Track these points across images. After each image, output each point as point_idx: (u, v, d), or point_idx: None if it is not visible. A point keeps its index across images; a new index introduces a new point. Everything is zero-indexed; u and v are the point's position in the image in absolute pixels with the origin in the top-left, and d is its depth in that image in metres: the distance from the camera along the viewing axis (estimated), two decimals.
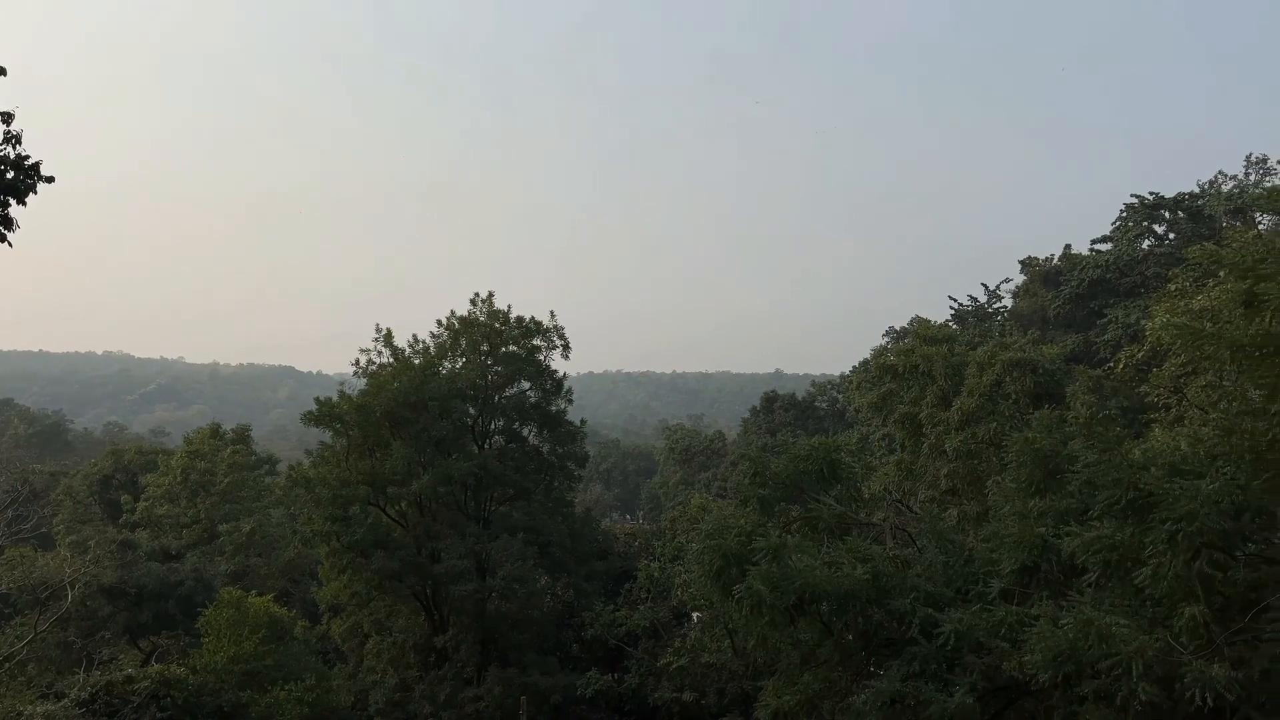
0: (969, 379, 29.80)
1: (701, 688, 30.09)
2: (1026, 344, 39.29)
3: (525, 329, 39.79)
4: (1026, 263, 65.13)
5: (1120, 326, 51.33)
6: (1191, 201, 56.69)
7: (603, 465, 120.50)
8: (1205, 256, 13.35)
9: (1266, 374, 11.29)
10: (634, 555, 43.46)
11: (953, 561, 13.33)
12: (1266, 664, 9.46)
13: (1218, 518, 9.68)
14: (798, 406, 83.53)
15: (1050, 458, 13.04)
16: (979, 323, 65.87)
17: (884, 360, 37.04)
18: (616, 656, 36.25)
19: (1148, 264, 53.96)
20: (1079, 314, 57.15)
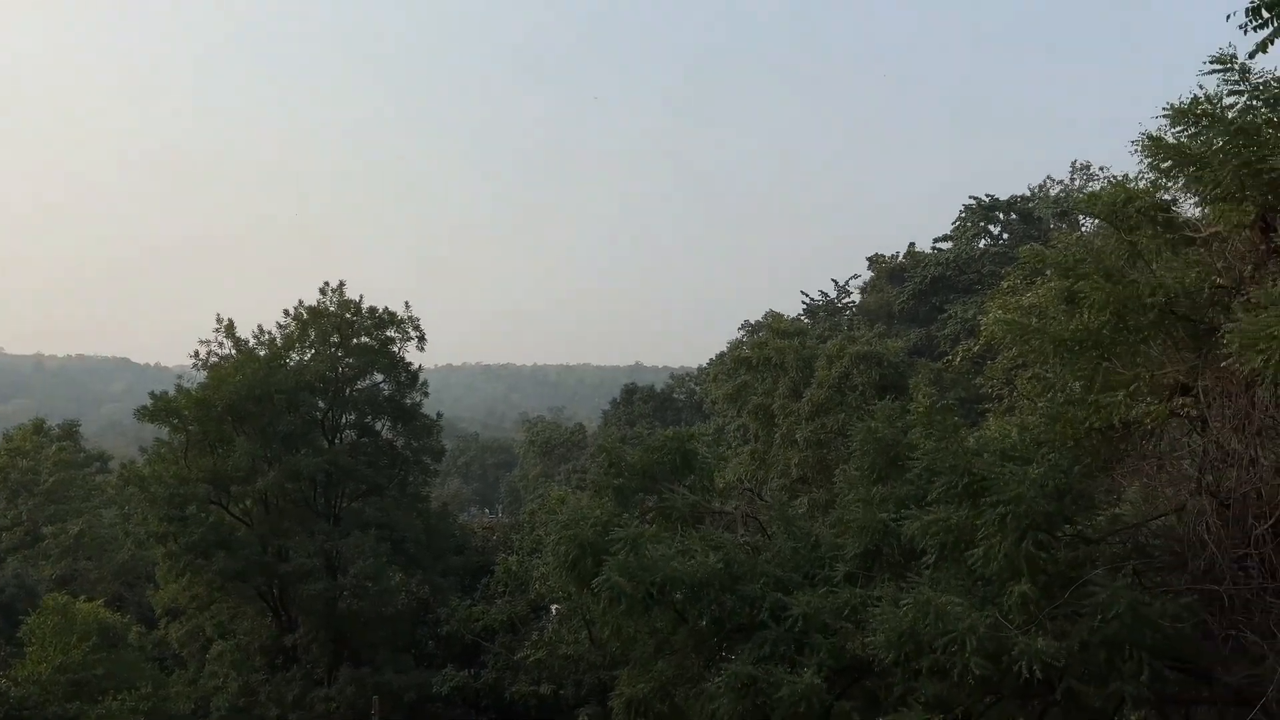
0: (819, 371, 30.85)
1: (559, 680, 30.10)
2: (873, 338, 40.98)
3: (378, 320, 38.80)
4: (874, 260, 67.77)
5: (959, 321, 54.12)
6: (1023, 204, 60.30)
7: (461, 459, 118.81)
8: (1032, 257, 14.18)
9: (1085, 366, 12.08)
10: (492, 550, 43.07)
11: (801, 547, 13.73)
12: (1085, 636, 10.10)
13: (1042, 501, 10.28)
14: (657, 398, 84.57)
15: (892, 446, 13.57)
16: (829, 317, 68.24)
17: (739, 353, 37.96)
18: (473, 652, 35.85)
19: (984, 262, 57.06)
20: (922, 309, 59.94)
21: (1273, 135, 10.41)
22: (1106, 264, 11.97)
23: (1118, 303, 11.51)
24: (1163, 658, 10.15)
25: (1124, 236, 12.24)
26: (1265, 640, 9.95)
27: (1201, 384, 11.23)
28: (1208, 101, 10.67)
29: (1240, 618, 10.39)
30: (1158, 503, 12.70)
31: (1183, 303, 11.32)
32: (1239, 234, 11.04)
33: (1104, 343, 12.03)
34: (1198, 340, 11.40)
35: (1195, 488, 11.54)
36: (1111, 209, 12.44)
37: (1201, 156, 10.77)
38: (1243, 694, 10.32)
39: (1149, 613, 9.80)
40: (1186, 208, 12.23)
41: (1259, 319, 9.31)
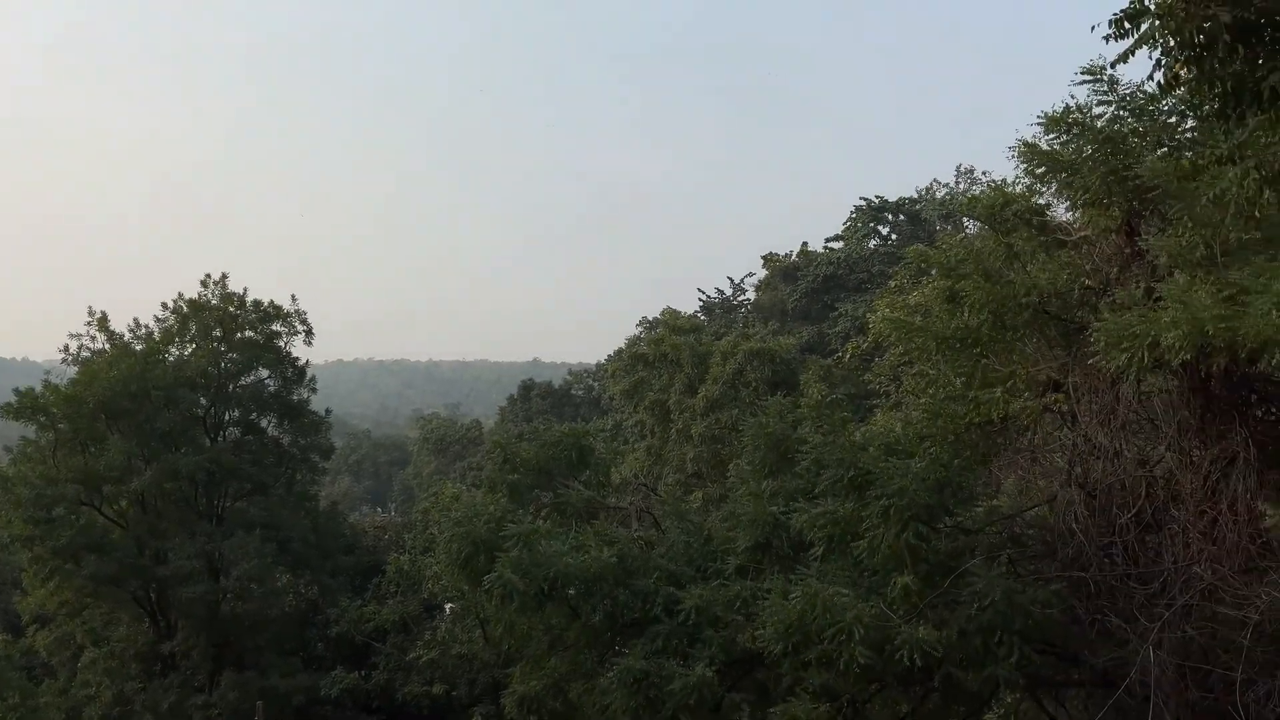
0: (714, 367, 31.19)
1: (452, 680, 29.71)
2: (767, 335, 41.68)
3: (264, 313, 37.47)
4: (768, 258, 68.88)
5: (849, 319, 55.47)
6: (910, 206, 62.20)
7: (352, 457, 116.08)
8: (918, 257, 14.63)
9: (965, 363, 12.52)
10: (384, 549, 42.18)
11: (693, 541, 13.85)
12: (963, 623, 10.46)
13: (924, 493, 10.60)
14: (554, 394, 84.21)
15: (782, 441, 13.80)
16: (725, 314, 69.12)
17: (636, 349, 38.10)
18: (364, 653, 35.07)
19: (873, 262, 58.65)
20: (814, 307, 61.24)
21: (1137, 144, 10.96)
22: (986, 265, 12.42)
23: (996, 302, 11.95)
24: (1034, 642, 10.59)
25: (1002, 239, 12.72)
26: (1128, 624, 10.48)
27: (1071, 380, 11.75)
28: (1078, 111, 11.17)
29: (1105, 603, 10.93)
30: (1031, 494, 13.26)
31: (1055, 303, 11.83)
32: (1106, 238, 11.59)
33: (983, 340, 12.49)
34: (1068, 339, 11.93)
35: (1065, 479, 12.08)
36: (990, 212, 12.91)
37: (1072, 163, 11.27)
38: (1108, 675, 10.86)
39: (1022, 600, 10.21)
40: (1059, 212, 12.78)
41: (1123, 319, 9.80)
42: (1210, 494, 10.44)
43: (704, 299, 72.21)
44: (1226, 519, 10.21)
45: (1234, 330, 8.76)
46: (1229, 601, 9.97)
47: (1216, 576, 9.99)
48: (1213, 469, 10.57)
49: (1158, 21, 4.30)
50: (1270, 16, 4.33)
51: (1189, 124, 9.92)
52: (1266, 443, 10.39)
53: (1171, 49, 4.34)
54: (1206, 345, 9.12)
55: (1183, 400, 10.86)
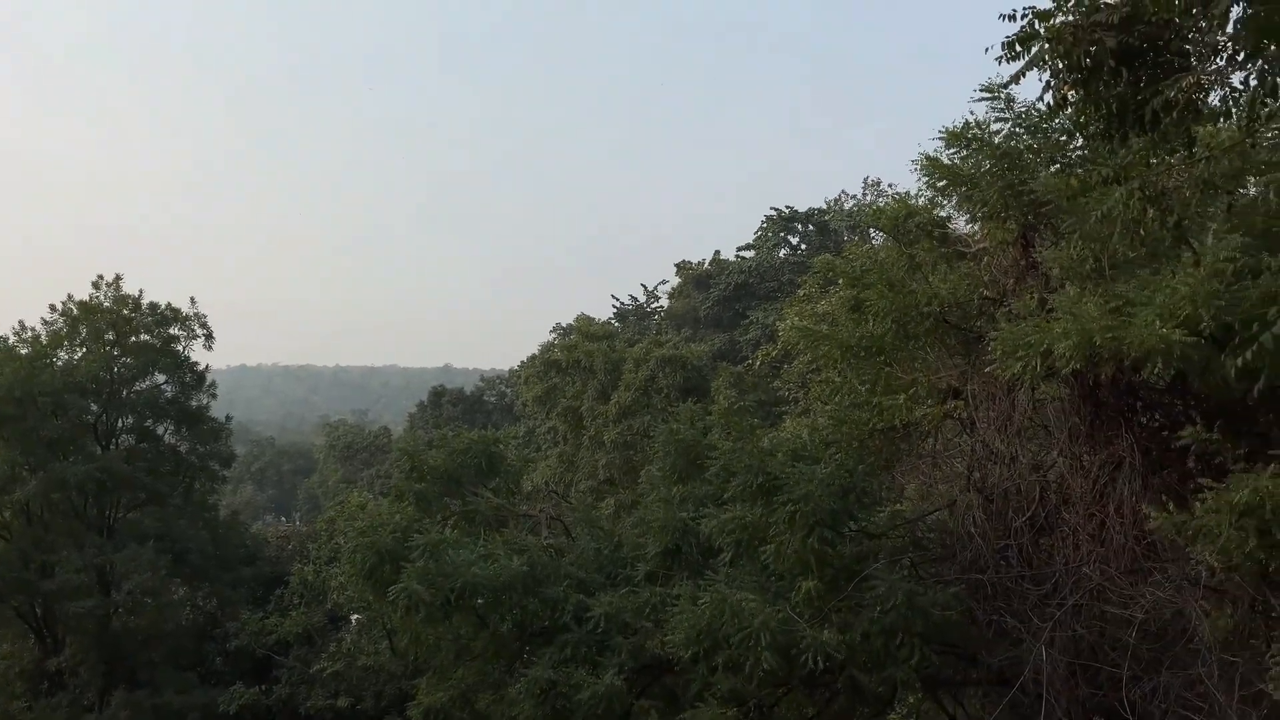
0: (626, 374, 31.26)
1: (358, 692, 29.07)
2: (679, 342, 41.96)
3: (160, 316, 36.11)
4: (681, 266, 69.38)
5: (760, 327, 56.24)
6: (819, 216, 63.42)
7: (255, 465, 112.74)
8: (824, 267, 14.91)
9: (869, 371, 12.81)
10: (287, 559, 41.06)
11: (604, 548, 13.84)
12: (866, 626, 10.67)
13: (829, 499, 10.79)
14: (466, 401, 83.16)
15: (692, 447, 13.89)
16: (639, 321, 69.35)
17: (549, 356, 37.93)
18: (265, 667, 34.05)
19: (784, 271, 59.58)
20: (726, 315, 61.91)
21: (1033, 160, 11.39)
22: (889, 275, 12.73)
23: (899, 311, 12.26)
24: (934, 643, 10.86)
25: (905, 249, 13.07)
26: (1022, 623, 10.83)
27: (970, 388, 12.12)
28: (977, 127, 11.55)
29: (1001, 603, 11.28)
30: (933, 498, 13.62)
31: (955, 312, 12.19)
32: (1004, 250, 11.99)
33: (887, 349, 12.79)
34: (967, 347, 12.31)
35: (965, 484, 12.44)
36: (894, 223, 13.26)
37: (972, 177, 11.64)
38: (1004, 674, 11.21)
39: (922, 602, 10.46)
40: (960, 224, 13.20)
41: (1018, 329, 10.15)
42: (1099, 497, 10.88)
43: (618, 305, 72.34)
44: (1114, 521, 10.64)
45: (1120, 340, 9.15)
46: (1115, 601, 10.39)
47: (1104, 577, 10.40)
48: (1101, 473, 11.01)
49: (1047, 45, 4.49)
50: (1152, 42, 4.54)
51: (1079, 142, 10.33)
52: (1150, 448, 10.85)
53: (1060, 71, 4.53)
54: (1095, 354, 9.50)
55: (1074, 407, 11.29)
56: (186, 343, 36.74)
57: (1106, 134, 4.56)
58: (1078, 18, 4.40)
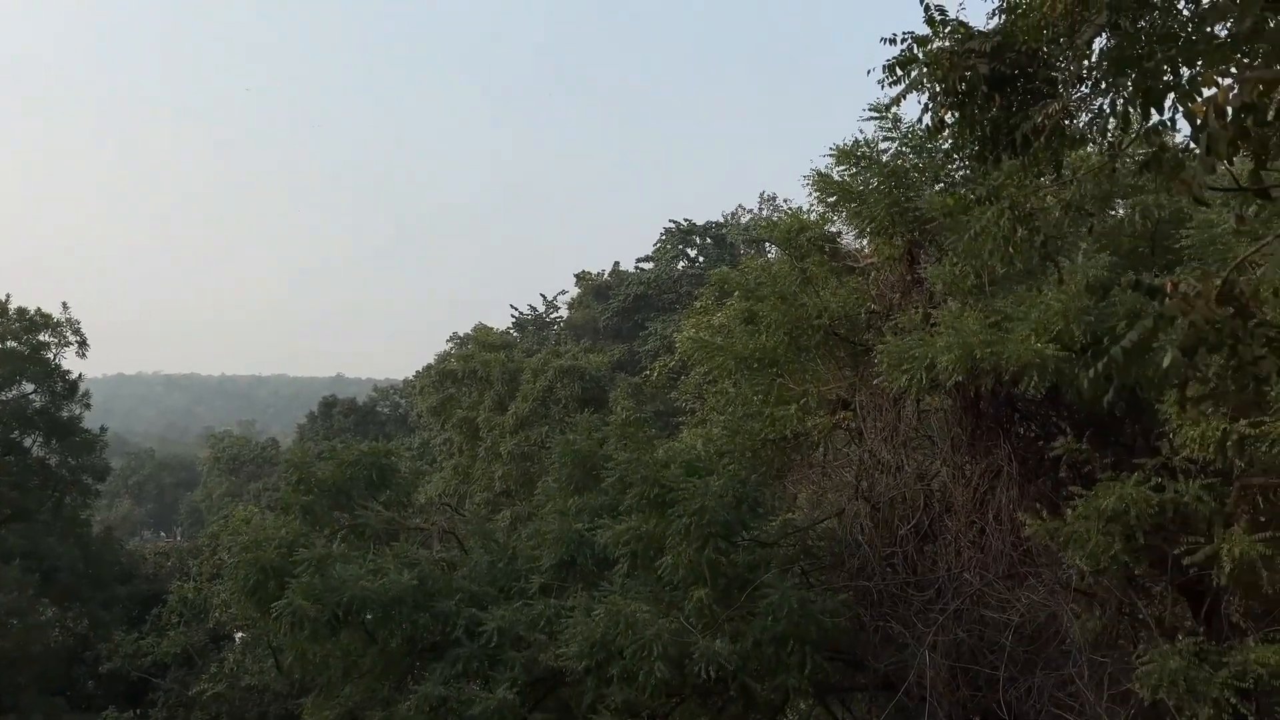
0: (524, 385, 31.04)
1: (241, 714, 27.99)
2: (578, 352, 41.87)
3: (29, 322, 34.23)
4: (580, 276, 69.36)
5: (658, 338, 56.60)
6: (717, 229, 64.31)
7: (133, 478, 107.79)
8: (719, 279, 15.11)
9: (762, 382, 13.02)
10: (166, 576, 39.35)
11: (497, 561, 13.68)
12: (758, 635, 10.81)
13: (722, 509, 10.91)
14: (358, 411, 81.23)
15: (589, 458, 13.87)
16: (538, 331, 68.96)
17: (445, 365, 37.36)
18: (140, 690, 32.51)
19: (682, 283, 60.15)
20: (625, 326, 62.13)
21: (918, 179, 11.78)
22: (782, 288, 12.99)
23: (790, 324, 12.52)
24: (823, 650, 11.08)
25: (797, 263, 13.34)
26: (907, 629, 11.14)
27: (859, 399, 12.44)
28: (866, 145, 11.89)
29: (887, 609, 11.59)
30: (823, 507, 13.91)
31: (844, 325, 12.51)
32: (891, 265, 12.36)
33: (779, 360, 13.03)
34: (856, 360, 12.64)
35: (853, 493, 12.75)
36: (787, 237, 13.53)
37: (861, 194, 11.98)
38: (889, 678, 11.50)
39: (812, 610, 10.65)
40: (849, 239, 13.55)
41: (903, 342, 10.47)
42: (979, 505, 11.28)
43: (516, 315, 71.79)
44: (993, 528, 11.05)
45: (998, 354, 9.53)
46: (994, 605, 10.79)
47: (983, 582, 10.79)
48: (981, 482, 11.43)
49: (925, 69, 4.66)
50: (1023, 69, 4.75)
51: (961, 163, 10.73)
52: (1027, 457, 11.33)
53: (937, 95, 4.71)
54: (975, 368, 9.88)
55: (956, 418, 11.70)
56: (58, 350, 34.92)
57: (981, 156, 4.76)
58: (953, 44, 4.59)
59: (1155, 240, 10.84)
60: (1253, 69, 2.32)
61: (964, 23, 4.64)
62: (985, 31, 4.64)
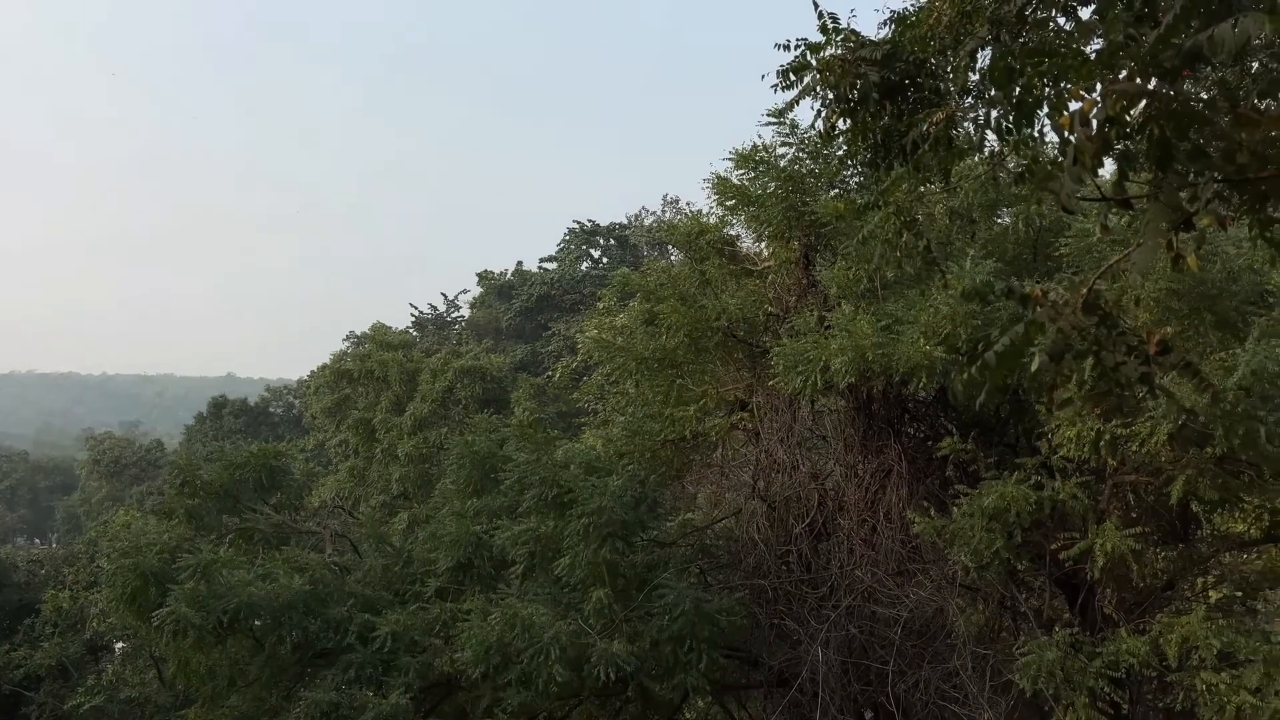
0: (423, 385, 30.53)
1: None
2: (480, 353, 41.40)
3: None
4: (483, 276, 68.63)
5: (562, 339, 56.43)
6: (620, 231, 64.47)
7: (4, 482, 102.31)
8: (621, 281, 15.14)
9: (662, 383, 13.10)
10: (39, 585, 37.32)
11: (392, 565, 13.40)
12: (655, 635, 10.85)
13: (621, 510, 10.92)
14: (250, 412, 78.62)
15: (488, 459, 13.72)
16: (438, 330, 67.96)
17: (341, 365, 36.45)
18: (12, 705, 30.79)
19: (586, 283, 60.09)
20: (528, 326, 61.74)
21: (814, 184, 12.02)
22: (682, 290, 13.09)
23: (690, 325, 12.62)
24: (720, 648, 11.19)
25: (696, 265, 13.46)
26: (802, 626, 11.35)
27: (756, 400, 12.63)
28: (764, 150, 12.07)
29: (782, 607, 11.78)
30: (721, 507, 14.07)
31: (742, 327, 12.67)
32: (787, 269, 12.57)
33: (679, 361, 13.12)
34: (754, 361, 12.82)
35: (750, 493, 12.93)
36: (687, 240, 13.64)
37: (758, 198, 12.15)
38: (783, 675, 11.69)
39: (709, 609, 10.74)
40: (748, 242, 13.73)
41: (798, 344, 10.66)
42: (870, 504, 11.57)
43: (416, 315, 70.61)
44: (884, 526, 11.35)
45: (889, 357, 9.79)
46: (884, 601, 11.08)
47: (874, 579, 11.07)
48: (873, 481, 11.73)
49: (818, 75, 4.75)
50: (911, 78, 4.88)
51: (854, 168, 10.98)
52: (916, 457, 11.67)
53: (829, 101, 4.80)
54: (867, 370, 10.12)
55: (849, 419, 11.98)
56: None
57: (873, 163, 4.88)
58: (845, 52, 4.69)
59: (1037, 248, 11.29)
60: (1115, 84, 2.43)
61: (855, 31, 4.76)
62: (876, 41, 4.75)
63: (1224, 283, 9.54)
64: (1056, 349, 2.82)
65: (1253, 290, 10.16)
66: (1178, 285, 9.18)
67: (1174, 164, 2.45)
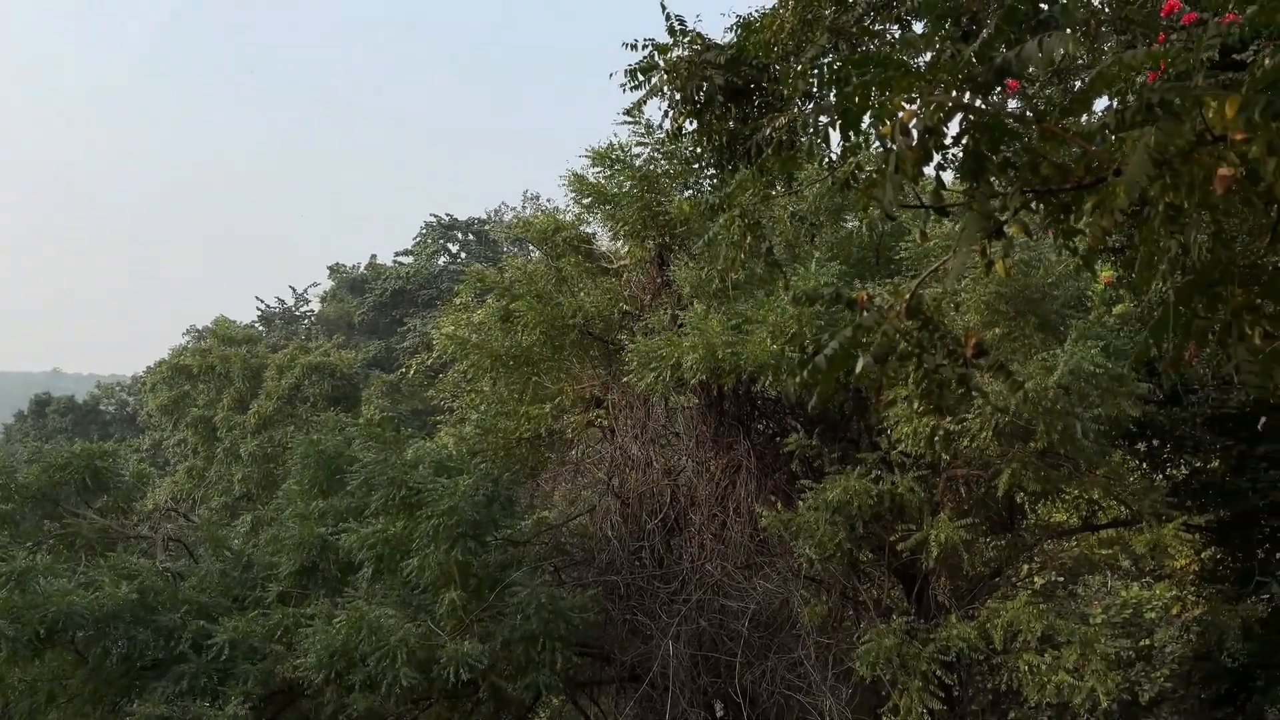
0: (268, 382, 29.37)
1: None
2: (330, 348, 40.08)
3: None
4: (335, 269, 66.46)
5: (417, 335, 55.24)
6: (480, 226, 63.64)
7: None
8: (475, 276, 14.94)
9: (517, 380, 13.00)
10: None
11: (231, 569, 12.81)
12: (507, 635, 10.76)
13: (472, 509, 10.77)
14: (78, 410, 73.62)
15: (335, 459, 13.28)
16: (286, 325, 65.42)
17: (180, 361, 34.66)
18: None
19: (443, 279, 58.99)
20: (383, 321, 60.15)
21: (668, 184, 12.16)
22: (538, 287, 13.01)
23: (546, 323, 12.57)
24: (574, 646, 11.19)
25: (552, 262, 13.42)
26: (653, 621, 11.48)
27: (611, 397, 12.69)
28: (620, 149, 12.13)
29: (635, 603, 11.89)
30: (577, 504, 14.08)
31: (598, 325, 12.71)
32: (642, 267, 12.69)
33: (534, 358, 13.05)
34: (609, 358, 12.88)
35: (605, 489, 12.98)
36: (543, 237, 13.58)
37: (615, 197, 12.21)
38: (635, 670, 11.80)
39: (562, 607, 10.73)
40: (604, 240, 13.78)
41: (652, 342, 10.78)
42: (721, 499, 11.81)
43: (263, 309, 67.73)
44: (733, 520, 11.61)
45: (739, 355, 10.01)
46: (733, 594, 11.33)
47: (723, 573, 11.31)
48: (723, 476, 11.98)
49: (665, 76, 4.80)
50: (757, 83, 4.99)
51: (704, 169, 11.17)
52: (765, 452, 11.98)
53: (676, 103, 4.87)
54: (718, 368, 10.33)
55: (701, 416, 12.19)
56: None
57: (719, 164, 4.98)
58: (692, 54, 4.76)
59: (880, 251, 11.76)
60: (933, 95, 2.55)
61: (701, 34, 4.83)
62: (721, 44, 4.84)
63: (1047, 288, 10.17)
64: (881, 352, 2.94)
65: (1072, 295, 10.89)
66: (1005, 289, 9.73)
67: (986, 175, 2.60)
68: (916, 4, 4.13)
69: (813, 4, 4.30)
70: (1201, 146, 2.28)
